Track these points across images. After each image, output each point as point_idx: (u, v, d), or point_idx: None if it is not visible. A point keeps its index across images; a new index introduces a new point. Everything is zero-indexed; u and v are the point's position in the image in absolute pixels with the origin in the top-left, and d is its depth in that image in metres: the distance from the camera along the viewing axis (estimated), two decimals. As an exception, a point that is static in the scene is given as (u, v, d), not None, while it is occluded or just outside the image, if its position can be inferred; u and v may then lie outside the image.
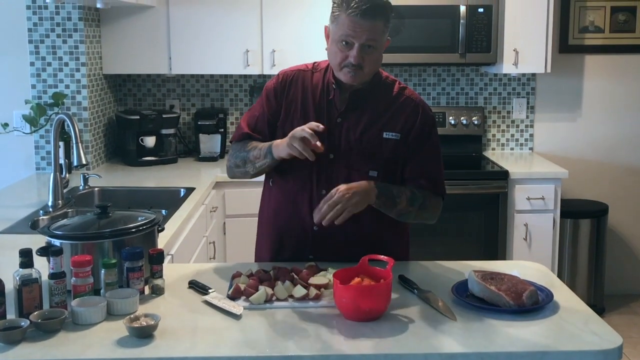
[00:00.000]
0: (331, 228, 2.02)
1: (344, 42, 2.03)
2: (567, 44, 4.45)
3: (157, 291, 1.89)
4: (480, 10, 3.96)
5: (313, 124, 2.00)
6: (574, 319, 1.74)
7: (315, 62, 2.24)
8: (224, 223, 3.76)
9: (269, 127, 2.19)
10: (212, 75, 4.38)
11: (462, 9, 3.93)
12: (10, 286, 1.69)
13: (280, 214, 2.20)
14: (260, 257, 2.31)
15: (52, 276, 1.73)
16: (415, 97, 2.18)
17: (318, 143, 1.97)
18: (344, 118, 2.12)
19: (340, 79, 2.10)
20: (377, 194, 2.03)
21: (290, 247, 2.19)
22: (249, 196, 2.83)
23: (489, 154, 4.44)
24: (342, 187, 1.99)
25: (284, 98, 2.18)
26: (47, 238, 1.90)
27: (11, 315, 1.68)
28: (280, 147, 2.05)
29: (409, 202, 2.09)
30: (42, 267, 1.75)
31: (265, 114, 2.21)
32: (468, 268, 2.04)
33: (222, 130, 4.22)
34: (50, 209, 2.89)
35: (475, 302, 1.81)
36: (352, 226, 2.05)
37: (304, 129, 1.98)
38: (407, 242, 2.29)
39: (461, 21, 3.94)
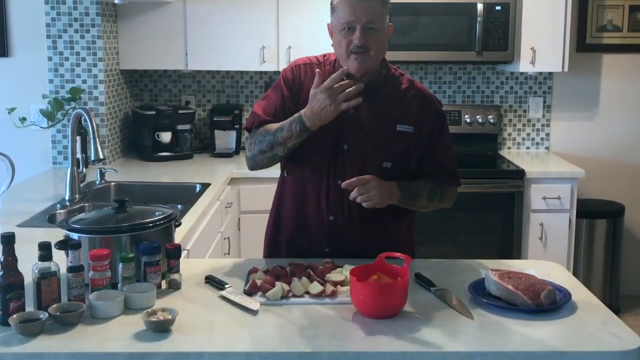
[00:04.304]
0: (347, 218, 2.12)
1: (346, 29, 2.04)
2: (585, 42, 4.41)
3: (174, 286, 1.89)
4: (498, 8, 3.94)
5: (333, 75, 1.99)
6: (592, 319, 1.73)
7: (325, 55, 2.24)
8: (239, 219, 3.76)
9: (287, 115, 2.13)
10: (228, 72, 4.39)
11: (480, 6, 3.91)
12: (29, 279, 1.70)
13: (296, 204, 2.21)
14: (272, 249, 2.28)
15: (70, 269, 1.74)
16: (425, 91, 2.21)
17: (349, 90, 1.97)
18: (357, 109, 2.11)
19: (349, 70, 2.08)
20: (399, 197, 2.08)
21: (306, 237, 2.19)
22: (264, 192, 2.84)
23: (504, 152, 4.41)
24: (375, 178, 2.02)
25: (302, 88, 2.16)
26: (65, 231, 1.91)
27: (30, 307, 1.69)
28: (319, 115, 2.00)
29: (429, 198, 2.16)
30: (60, 260, 1.76)
31: (285, 102, 2.17)
32: (484, 267, 2.03)
33: (238, 126, 4.22)
34: (68, 203, 2.91)
35: (492, 301, 1.81)
36: (367, 218, 2.12)
37: (331, 83, 1.97)
38: (414, 238, 2.34)
39: (478, 19, 3.92)
